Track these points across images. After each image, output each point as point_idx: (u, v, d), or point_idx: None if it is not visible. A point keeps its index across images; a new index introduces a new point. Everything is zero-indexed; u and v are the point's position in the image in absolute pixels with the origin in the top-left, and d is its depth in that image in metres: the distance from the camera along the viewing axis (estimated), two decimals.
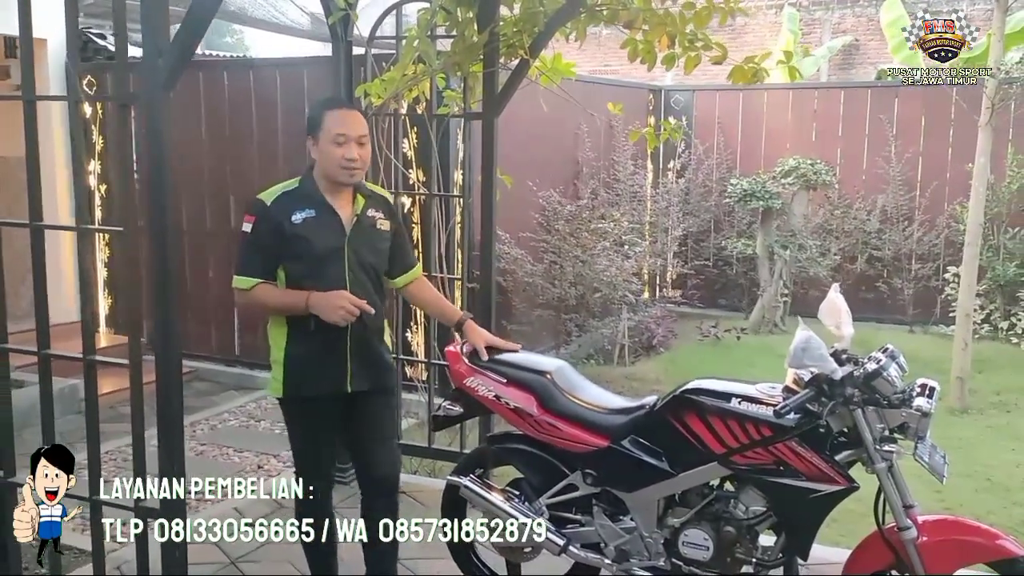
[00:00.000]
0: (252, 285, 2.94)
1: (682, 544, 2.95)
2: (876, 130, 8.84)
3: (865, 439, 2.67)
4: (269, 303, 2.97)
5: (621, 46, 4.09)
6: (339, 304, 2.87)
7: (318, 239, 2.94)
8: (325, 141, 2.94)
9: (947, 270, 8.33)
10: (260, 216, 2.94)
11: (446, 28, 4.25)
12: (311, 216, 2.95)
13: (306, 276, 2.94)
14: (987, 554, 2.70)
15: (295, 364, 2.99)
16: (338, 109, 3.02)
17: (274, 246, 2.93)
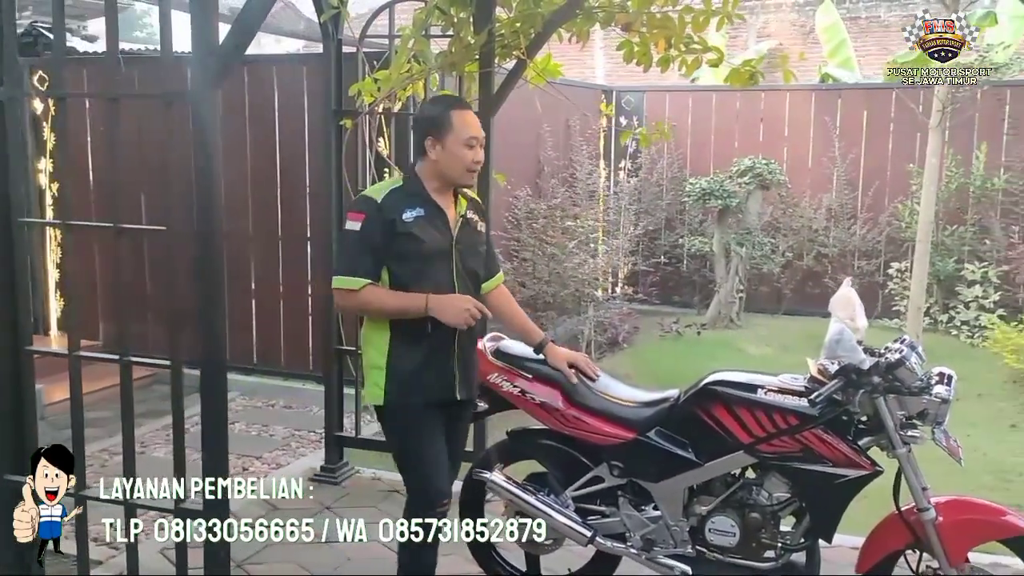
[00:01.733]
0: (363, 286, 2.81)
1: (708, 531, 3.05)
2: (820, 131, 9.15)
3: (887, 425, 2.81)
4: (384, 305, 2.85)
5: (617, 48, 4.18)
6: (464, 307, 2.80)
7: (429, 239, 2.85)
8: (455, 143, 2.84)
9: (890, 266, 8.67)
10: (370, 213, 2.83)
11: (441, 28, 4.27)
12: (421, 215, 2.85)
13: (413, 278, 2.84)
14: (999, 531, 2.87)
15: (400, 369, 2.87)
16: (465, 110, 2.93)
17: (383, 245, 2.82)
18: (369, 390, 2.94)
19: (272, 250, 6.55)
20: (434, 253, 2.87)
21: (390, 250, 2.83)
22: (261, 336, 6.67)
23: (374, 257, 2.83)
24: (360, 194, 2.99)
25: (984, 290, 8.20)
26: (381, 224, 2.81)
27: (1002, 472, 5.17)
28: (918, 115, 7.54)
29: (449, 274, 2.90)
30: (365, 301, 2.85)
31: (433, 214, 2.88)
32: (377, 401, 2.93)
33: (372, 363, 2.92)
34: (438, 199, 2.91)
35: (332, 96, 4.56)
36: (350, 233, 2.85)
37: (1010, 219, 8.49)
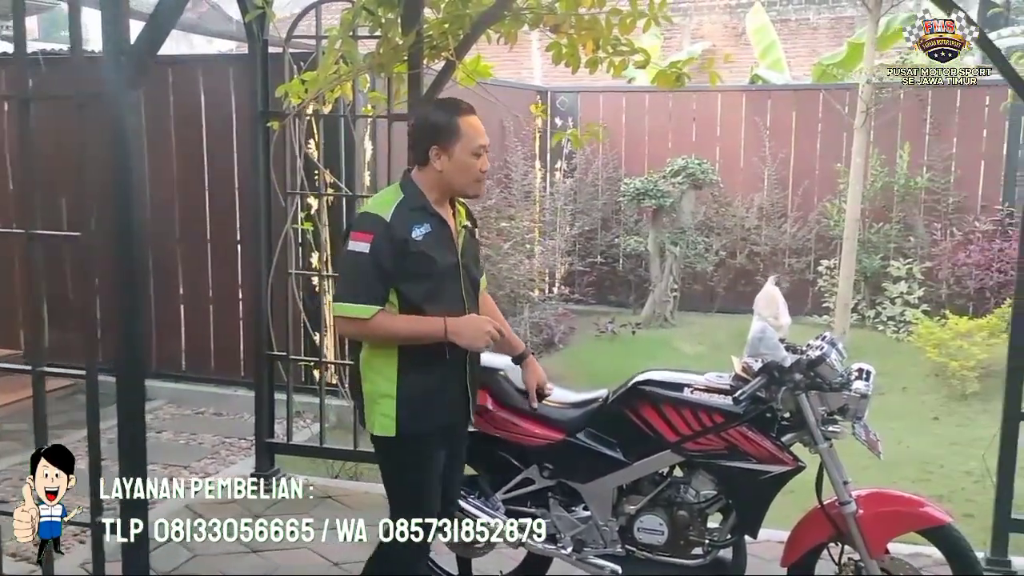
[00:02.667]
0: (374, 313, 2.60)
1: (637, 530, 3.08)
2: (751, 131, 9.31)
3: (809, 421, 2.86)
4: (398, 333, 2.64)
5: (546, 49, 4.19)
6: (484, 328, 2.66)
7: (440, 257, 2.67)
8: (463, 152, 2.67)
9: (819, 263, 8.86)
10: (380, 233, 2.60)
11: (369, 29, 4.23)
12: (429, 231, 2.66)
13: (425, 299, 2.65)
14: (918, 523, 2.95)
15: (413, 398, 2.68)
16: (473, 116, 2.73)
17: (393, 267, 2.61)
18: (376, 421, 2.71)
19: (201, 254, 6.43)
20: (444, 271, 2.70)
21: (400, 272, 2.63)
22: (190, 342, 6.53)
23: (384, 280, 2.62)
24: (363, 211, 2.75)
25: (909, 286, 8.43)
26: (391, 245, 2.60)
27: (924, 464, 5.32)
28: (844, 116, 7.72)
29: (458, 291, 2.75)
30: (377, 329, 2.63)
31: (439, 229, 2.70)
32: (387, 432, 2.70)
33: (379, 391, 2.70)
34: (440, 211, 2.73)
35: (259, 97, 4.49)
36: (358, 256, 2.61)
37: (932, 217, 8.75)
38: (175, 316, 6.53)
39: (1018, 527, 3.77)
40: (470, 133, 2.68)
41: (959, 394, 6.55)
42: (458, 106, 2.74)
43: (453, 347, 2.65)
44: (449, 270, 2.71)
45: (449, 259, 2.71)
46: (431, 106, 2.80)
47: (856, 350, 7.68)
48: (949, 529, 2.90)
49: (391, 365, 2.68)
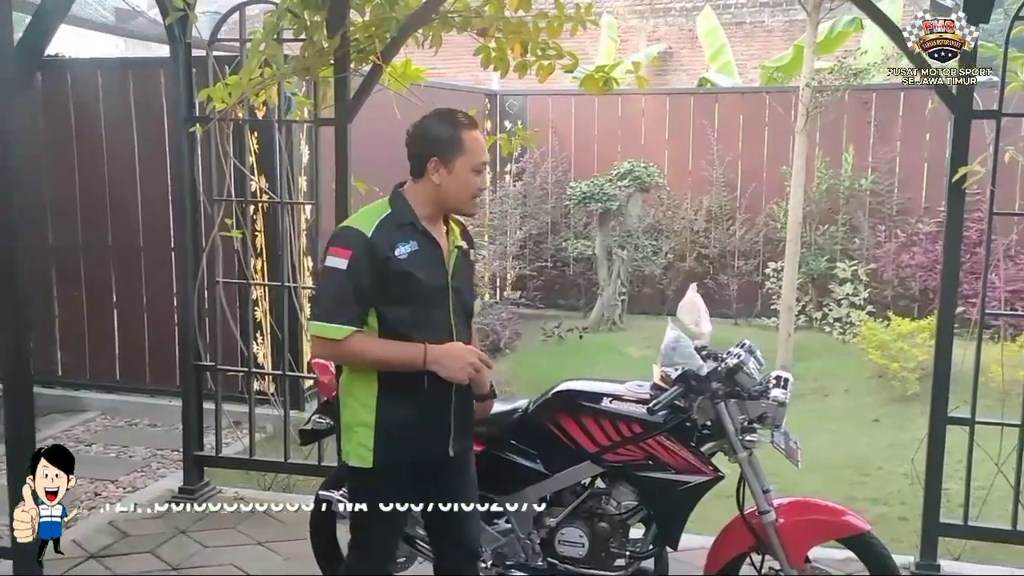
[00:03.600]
0: (347, 335, 2.43)
1: (558, 543, 3.03)
2: (700, 134, 9.33)
3: (728, 430, 2.82)
4: (373, 357, 2.49)
5: (474, 53, 4.12)
6: (467, 360, 2.48)
7: (426, 278, 2.50)
8: (464, 167, 2.52)
9: (767, 266, 8.90)
10: (359, 249, 2.44)
11: (294, 32, 4.14)
12: (415, 250, 2.50)
13: (407, 323, 2.49)
14: (838, 531, 2.92)
15: (391, 428, 2.53)
16: (476, 130, 2.58)
17: (372, 286, 2.45)
18: (352, 450, 2.57)
19: (134, 262, 6.28)
20: (431, 293, 2.52)
21: (381, 292, 2.47)
22: (124, 351, 6.38)
23: (360, 299, 2.46)
24: (344, 225, 2.58)
25: (854, 288, 8.49)
26: (371, 262, 2.44)
27: (862, 466, 5.34)
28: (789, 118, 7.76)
29: (446, 316, 2.57)
30: (350, 352, 2.48)
31: (427, 247, 2.53)
32: (363, 463, 2.56)
33: (357, 419, 2.56)
34: (430, 228, 2.56)
35: (183, 102, 4.38)
36: (334, 272, 2.45)
37: (877, 218, 8.83)
38: (108, 325, 6.38)
39: (947, 531, 3.77)
40: (473, 148, 2.54)
41: (900, 395, 6.59)
42: (462, 118, 2.59)
43: (435, 376, 2.48)
44: (436, 293, 2.54)
45: (437, 281, 2.54)
46: (433, 116, 2.61)
47: (803, 352, 7.74)
48: (868, 537, 2.88)
49: (370, 392, 2.54)
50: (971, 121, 3.56)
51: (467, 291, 2.67)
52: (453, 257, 2.61)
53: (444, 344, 2.50)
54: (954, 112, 3.56)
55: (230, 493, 4.59)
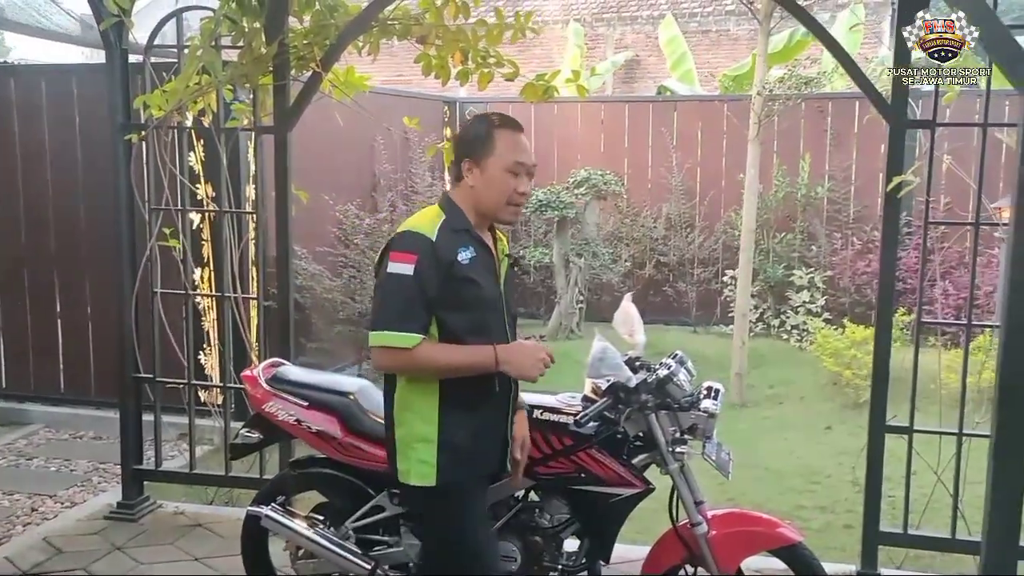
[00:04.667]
0: (417, 343, 2.35)
1: None
2: (659, 142, 9.35)
3: (659, 442, 2.80)
4: (440, 364, 2.40)
5: (415, 60, 4.10)
6: (537, 355, 2.43)
7: (486, 284, 2.45)
8: (497, 167, 2.42)
9: (725, 273, 8.93)
10: (425, 254, 2.36)
11: (232, 38, 4.08)
12: (474, 255, 2.44)
13: (468, 329, 2.42)
14: (769, 542, 2.90)
15: (456, 442, 2.44)
16: (513, 130, 2.48)
17: (436, 292, 2.37)
18: (412, 468, 2.45)
19: (78, 272, 6.17)
20: (489, 301, 2.48)
21: (445, 298, 2.38)
22: (68, 363, 6.26)
23: (427, 307, 2.38)
24: (405, 230, 2.44)
25: (811, 295, 8.54)
26: (437, 267, 2.36)
27: (811, 474, 5.34)
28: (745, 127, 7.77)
29: (501, 323, 2.52)
30: (419, 360, 2.37)
31: (483, 254, 2.48)
32: (426, 481, 2.44)
33: (417, 435, 2.45)
34: (482, 236, 2.51)
35: (119, 109, 4.30)
36: (399, 278, 2.35)
37: (833, 226, 8.89)
38: (52, 336, 6.26)
39: (887, 539, 3.77)
40: (505, 147, 2.43)
41: (853, 403, 6.62)
42: (498, 118, 2.51)
43: (501, 382, 2.41)
44: (493, 301, 2.49)
45: (494, 289, 2.50)
46: (471, 118, 2.58)
47: (760, 359, 7.75)
48: (800, 548, 2.86)
49: (431, 405, 2.43)
50: (906, 130, 3.57)
51: (513, 302, 2.64)
52: (503, 266, 2.57)
53: (511, 343, 2.48)
54: (888, 122, 3.57)
55: (170, 508, 4.50)
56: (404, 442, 2.47)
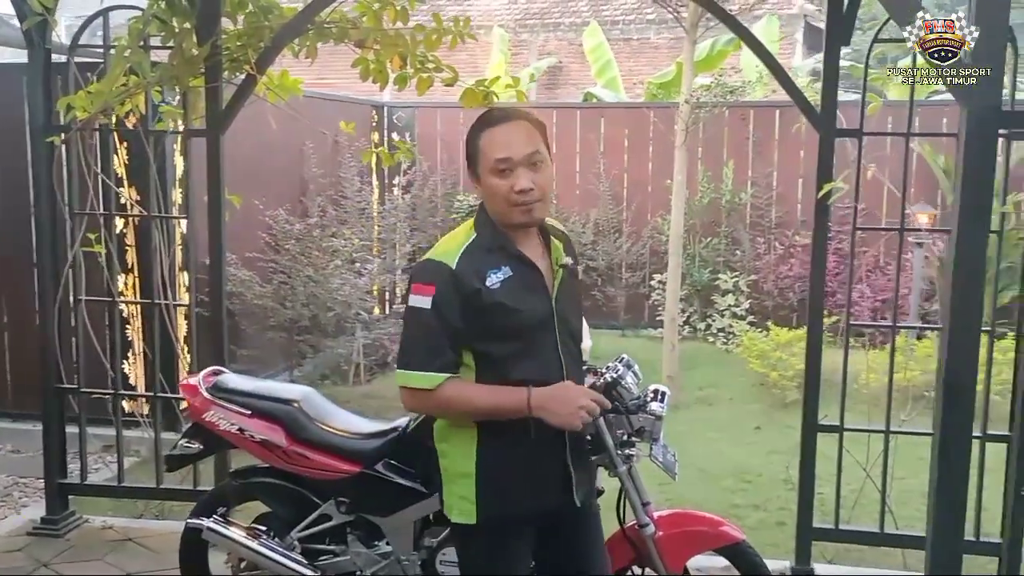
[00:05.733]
0: (439, 383, 2.18)
1: (439, 563, 2.95)
2: (586, 148, 9.45)
3: (607, 444, 2.80)
4: (467, 406, 2.21)
5: (352, 64, 4.05)
6: (578, 403, 2.16)
7: (524, 306, 2.20)
8: (486, 172, 2.20)
9: (653, 277, 9.07)
10: (443, 284, 2.16)
11: (162, 39, 3.98)
12: (508, 276, 2.20)
13: (508, 361, 2.21)
14: (714, 541, 2.96)
15: (496, 477, 2.25)
16: (495, 125, 2.22)
17: (464, 324, 2.18)
18: (454, 504, 2.30)
19: None
20: (532, 325, 2.23)
21: (475, 329, 2.19)
22: None
23: (454, 341, 2.19)
24: (426, 258, 2.26)
25: (736, 298, 8.73)
26: (459, 297, 2.16)
27: (743, 473, 5.46)
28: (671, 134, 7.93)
29: (552, 348, 2.26)
30: (444, 402, 2.21)
31: (522, 272, 2.23)
32: (467, 519, 2.28)
33: (456, 469, 2.29)
34: (524, 248, 2.26)
35: (41, 110, 4.15)
36: (418, 312, 2.18)
37: (757, 231, 9.12)
38: None
39: (820, 535, 3.88)
40: (488, 146, 2.20)
41: (780, 403, 6.79)
42: (484, 117, 2.27)
43: (541, 422, 2.18)
44: (538, 324, 2.24)
45: (539, 309, 2.24)
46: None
47: (688, 362, 7.89)
48: (743, 546, 2.93)
49: (469, 439, 2.26)
50: (835, 139, 3.70)
51: (574, 316, 2.35)
52: (558, 278, 2.29)
53: (552, 385, 2.19)
54: (819, 130, 3.69)
55: (98, 522, 4.36)
56: (447, 475, 2.33)
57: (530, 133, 2.21)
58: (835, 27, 3.54)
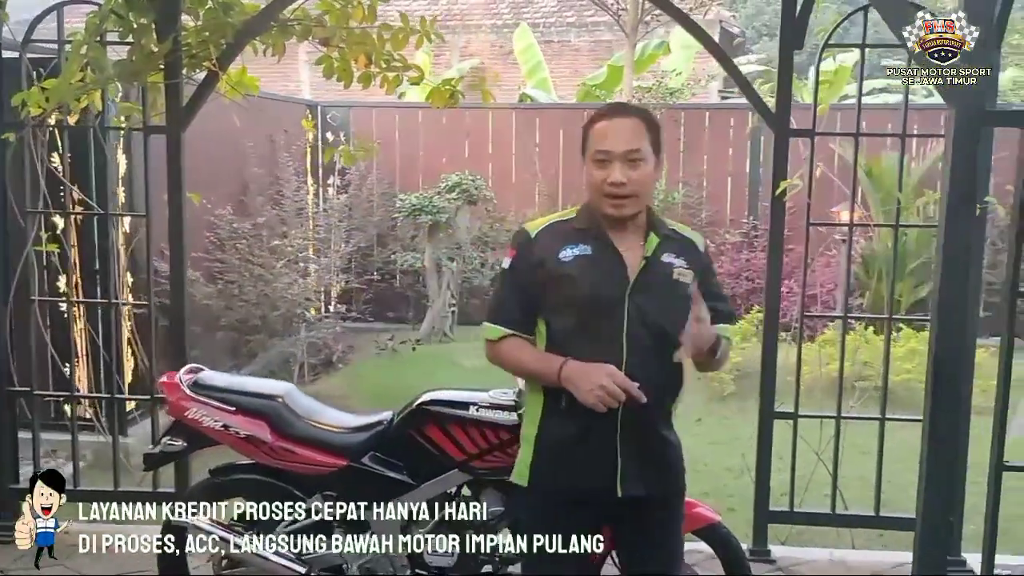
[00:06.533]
0: (500, 336, 2.34)
1: (426, 553, 3.01)
2: (522, 148, 9.57)
3: None
4: (515, 364, 2.37)
5: (316, 62, 4.07)
6: (598, 381, 2.18)
7: (592, 283, 2.27)
8: (588, 162, 2.32)
9: None
10: (521, 250, 2.35)
11: (120, 34, 3.92)
12: (586, 254, 2.30)
13: (572, 332, 2.29)
14: (691, 523, 3.07)
15: (550, 445, 2.34)
16: (604, 120, 2.32)
17: (534, 290, 2.32)
18: (516, 466, 2.43)
19: None
20: (599, 302, 2.28)
21: (544, 297, 2.32)
22: None
23: (520, 303, 2.35)
24: (520, 226, 2.47)
25: None
26: (530, 264, 2.32)
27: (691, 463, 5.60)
28: None
29: (618, 332, 2.27)
30: (501, 355, 2.37)
31: (602, 252, 2.31)
32: (520, 480, 2.39)
33: (523, 432, 2.42)
34: (615, 235, 2.32)
35: None
36: (502, 273, 2.41)
37: None
38: None
39: (776, 518, 4.06)
40: (593, 137, 2.31)
41: (719, 395, 7.01)
42: (602, 110, 2.39)
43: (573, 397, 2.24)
44: (607, 305, 2.28)
45: (607, 291, 2.28)
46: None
47: None
48: (719, 527, 3.06)
49: (537, 404, 2.37)
50: (789, 139, 3.87)
51: (659, 310, 2.29)
52: (640, 268, 2.32)
53: (592, 362, 2.23)
54: (774, 130, 3.86)
55: None
56: (521, 438, 2.46)
57: (636, 131, 2.30)
58: (788, 33, 3.71)
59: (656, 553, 2.45)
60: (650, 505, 2.38)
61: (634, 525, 2.42)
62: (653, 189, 2.44)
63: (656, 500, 2.39)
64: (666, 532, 2.46)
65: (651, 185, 2.39)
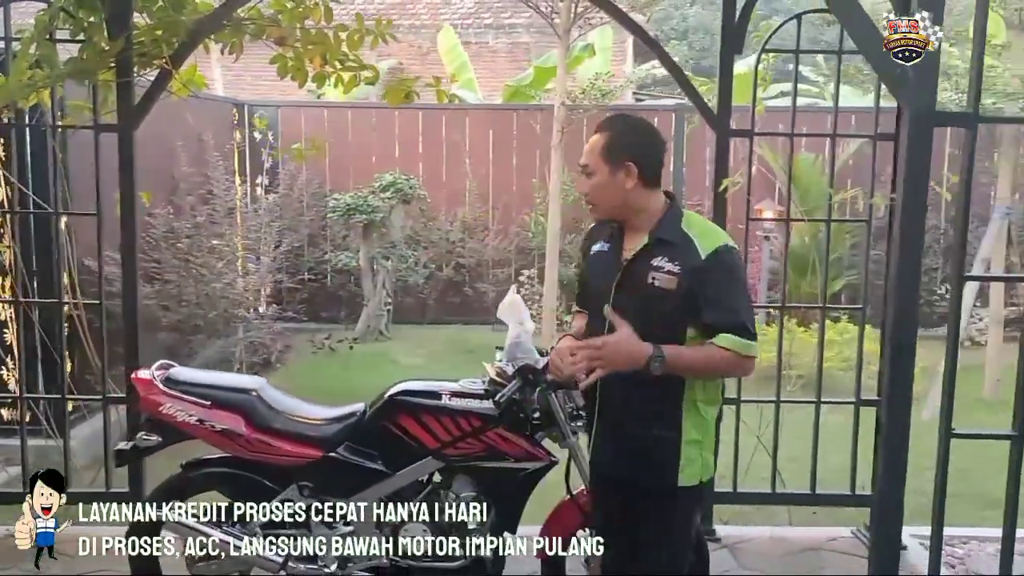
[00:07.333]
0: (575, 311, 2.83)
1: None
2: (452, 148, 9.67)
3: (559, 418, 3.05)
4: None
5: (270, 61, 4.09)
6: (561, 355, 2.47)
7: (594, 276, 2.65)
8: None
9: (522, 273, 9.39)
10: (583, 242, 2.79)
11: (70, 32, 3.88)
12: (604, 249, 2.61)
13: (588, 320, 2.69)
14: None
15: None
16: (595, 134, 2.59)
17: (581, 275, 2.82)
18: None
19: None
20: (596, 293, 2.59)
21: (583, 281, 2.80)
22: None
23: (582, 286, 2.79)
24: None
25: None
26: (582, 253, 2.77)
27: None
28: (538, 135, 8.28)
29: (600, 318, 2.50)
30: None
31: (613, 248, 2.57)
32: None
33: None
34: (629, 233, 2.54)
35: None
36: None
37: None
38: None
39: (721, 499, 4.26)
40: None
41: None
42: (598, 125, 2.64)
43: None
44: (599, 295, 2.55)
45: (603, 282, 2.54)
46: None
47: None
48: None
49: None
50: (729, 139, 4.08)
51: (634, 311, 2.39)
52: (624, 266, 2.49)
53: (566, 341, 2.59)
54: (715, 131, 4.06)
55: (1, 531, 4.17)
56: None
57: (591, 146, 2.53)
58: (728, 37, 3.92)
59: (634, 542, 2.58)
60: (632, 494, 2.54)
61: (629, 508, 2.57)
62: (617, 196, 2.48)
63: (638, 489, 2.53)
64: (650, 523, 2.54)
65: (605, 194, 2.49)
